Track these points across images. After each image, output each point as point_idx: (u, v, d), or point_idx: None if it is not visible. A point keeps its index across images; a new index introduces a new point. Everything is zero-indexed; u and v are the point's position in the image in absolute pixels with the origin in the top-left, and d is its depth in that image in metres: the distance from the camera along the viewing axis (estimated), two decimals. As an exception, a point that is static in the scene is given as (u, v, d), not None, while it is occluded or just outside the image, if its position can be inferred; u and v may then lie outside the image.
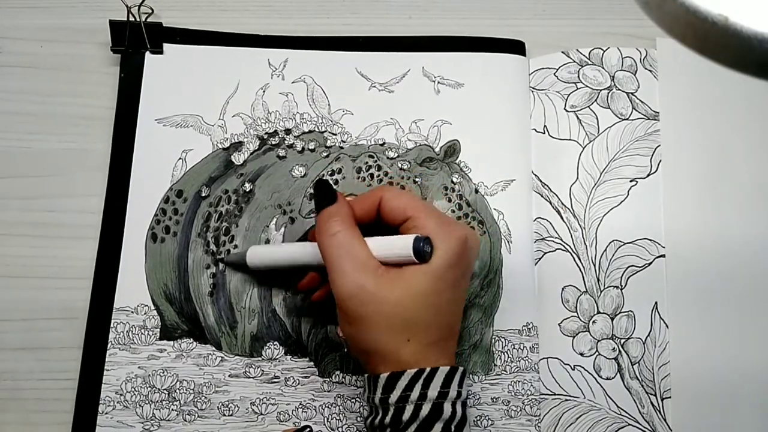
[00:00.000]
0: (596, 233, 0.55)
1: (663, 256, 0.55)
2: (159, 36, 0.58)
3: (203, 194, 0.55)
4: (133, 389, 0.52)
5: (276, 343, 0.53)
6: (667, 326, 0.54)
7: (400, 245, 0.44)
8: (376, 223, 0.47)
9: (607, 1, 0.61)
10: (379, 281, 0.43)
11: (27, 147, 0.57)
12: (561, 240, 0.55)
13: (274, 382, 0.52)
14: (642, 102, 0.58)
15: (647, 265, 0.55)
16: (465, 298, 0.48)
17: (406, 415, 0.43)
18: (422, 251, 0.43)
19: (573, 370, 0.53)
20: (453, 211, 0.55)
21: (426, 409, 0.43)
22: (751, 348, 0.54)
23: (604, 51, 0.59)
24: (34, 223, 0.55)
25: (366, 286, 0.43)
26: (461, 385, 0.44)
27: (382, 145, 0.57)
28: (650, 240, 0.55)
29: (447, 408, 0.43)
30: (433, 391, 0.43)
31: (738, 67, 0.25)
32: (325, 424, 0.52)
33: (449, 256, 0.44)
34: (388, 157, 0.56)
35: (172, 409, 0.51)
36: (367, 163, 0.56)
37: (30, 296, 0.54)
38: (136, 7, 0.56)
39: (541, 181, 0.56)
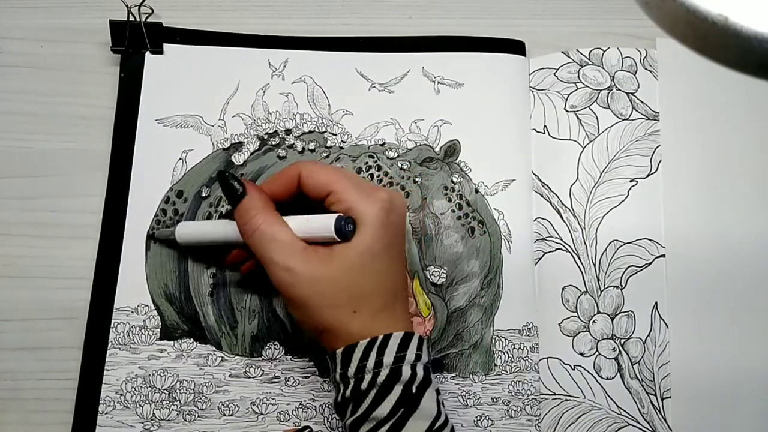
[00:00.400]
0: (596, 233, 0.55)
1: (663, 256, 0.55)
2: (159, 36, 0.58)
3: (203, 194, 0.55)
4: (133, 389, 0.52)
5: (276, 343, 0.53)
6: (667, 326, 0.54)
7: (321, 226, 0.44)
8: (298, 198, 0.47)
9: (607, 1, 0.61)
10: (310, 262, 0.44)
11: (27, 147, 0.57)
12: (561, 240, 0.55)
13: (275, 382, 0.52)
14: (642, 102, 0.58)
15: (647, 265, 0.55)
16: (403, 259, 0.48)
17: (364, 384, 0.43)
18: (344, 231, 0.44)
19: (573, 370, 0.53)
20: (453, 211, 0.55)
21: (384, 374, 0.43)
22: (751, 348, 0.54)
23: (604, 51, 0.59)
24: (34, 223, 0.55)
25: (297, 270, 0.43)
26: (420, 348, 0.44)
27: (382, 145, 0.57)
28: (650, 240, 0.55)
29: (406, 370, 0.43)
30: (388, 357, 0.43)
31: (738, 67, 0.25)
32: (325, 424, 0.51)
33: (374, 226, 0.44)
34: (388, 157, 0.56)
35: (173, 409, 0.51)
36: (367, 163, 0.56)
37: (30, 296, 0.54)
38: (136, 7, 0.56)
39: (541, 181, 0.56)
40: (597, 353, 0.53)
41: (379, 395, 0.43)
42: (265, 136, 0.57)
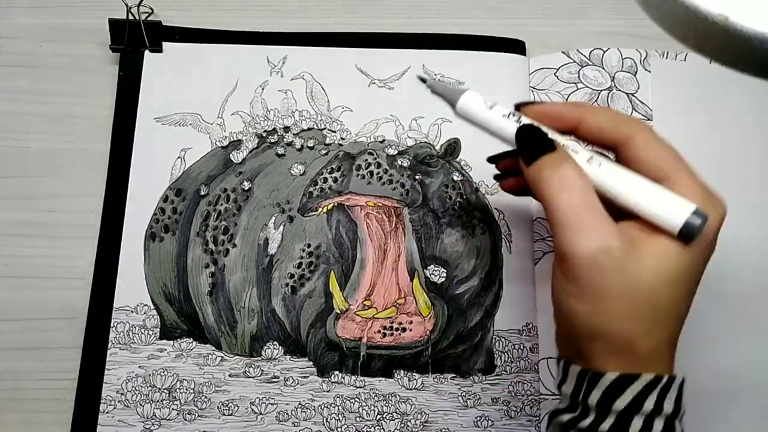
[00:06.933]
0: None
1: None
2: (158, 35, 0.57)
3: (202, 193, 0.55)
4: (133, 389, 0.51)
5: (275, 343, 0.53)
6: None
7: (666, 208, 0.35)
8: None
9: (607, 1, 0.60)
10: (628, 251, 0.35)
11: (27, 147, 0.56)
12: (561, 240, 0.55)
13: (274, 382, 0.52)
14: (642, 103, 0.57)
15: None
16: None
17: (634, 429, 0.35)
18: (695, 231, 0.34)
19: (573, 370, 0.53)
20: (454, 210, 0.55)
21: (659, 426, 0.35)
22: (747, 351, 0.54)
23: (605, 52, 0.58)
24: (34, 223, 0.55)
25: (613, 251, 0.35)
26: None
27: (381, 142, 0.57)
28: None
29: (677, 427, 0.36)
30: (668, 405, 0.36)
31: (738, 67, 0.25)
32: (324, 424, 0.51)
33: (711, 237, 0.36)
34: (388, 155, 0.56)
35: (173, 409, 0.51)
36: (366, 160, 0.56)
37: (30, 296, 0.54)
38: (136, 6, 0.56)
39: (541, 180, 0.56)
40: (598, 353, 0.53)
41: None
42: (264, 134, 0.57)
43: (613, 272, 0.35)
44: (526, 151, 0.39)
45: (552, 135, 0.39)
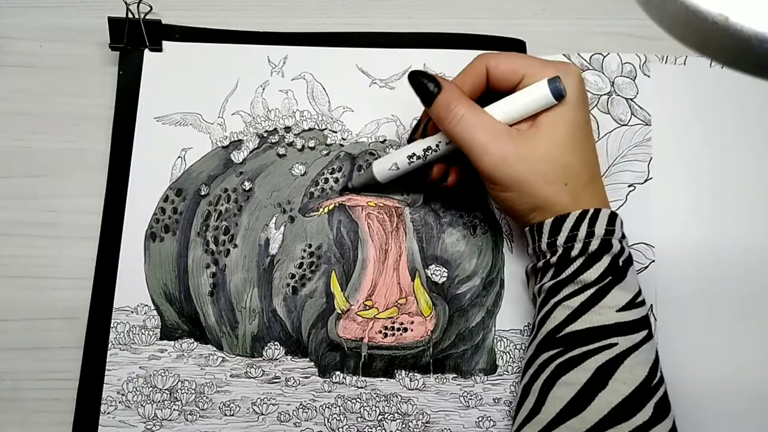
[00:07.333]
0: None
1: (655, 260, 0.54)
2: (158, 33, 0.57)
3: (202, 193, 0.55)
4: (134, 389, 0.51)
5: (276, 343, 0.53)
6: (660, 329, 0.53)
7: (535, 94, 0.45)
8: (485, 95, 0.48)
9: (607, 1, 0.60)
10: (519, 142, 0.45)
11: (26, 147, 0.56)
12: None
13: (275, 383, 0.52)
14: (641, 108, 0.57)
15: (644, 269, 0.54)
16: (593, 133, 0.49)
17: (575, 252, 0.45)
18: (559, 89, 0.44)
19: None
20: (455, 209, 0.55)
21: (595, 244, 0.44)
22: (745, 351, 0.53)
23: (605, 57, 0.58)
24: (34, 223, 0.55)
25: (509, 150, 0.45)
26: (622, 228, 0.46)
27: (383, 142, 0.57)
28: (647, 244, 0.54)
29: (615, 243, 0.45)
30: (600, 229, 0.45)
31: (738, 67, 0.24)
32: (325, 425, 0.51)
33: (578, 99, 0.46)
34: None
35: (174, 409, 0.51)
36: (367, 160, 0.56)
37: (30, 296, 0.54)
38: (135, 5, 0.56)
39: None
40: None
41: (588, 262, 0.44)
42: (265, 134, 0.56)
43: (518, 164, 0.45)
44: (422, 97, 0.47)
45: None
